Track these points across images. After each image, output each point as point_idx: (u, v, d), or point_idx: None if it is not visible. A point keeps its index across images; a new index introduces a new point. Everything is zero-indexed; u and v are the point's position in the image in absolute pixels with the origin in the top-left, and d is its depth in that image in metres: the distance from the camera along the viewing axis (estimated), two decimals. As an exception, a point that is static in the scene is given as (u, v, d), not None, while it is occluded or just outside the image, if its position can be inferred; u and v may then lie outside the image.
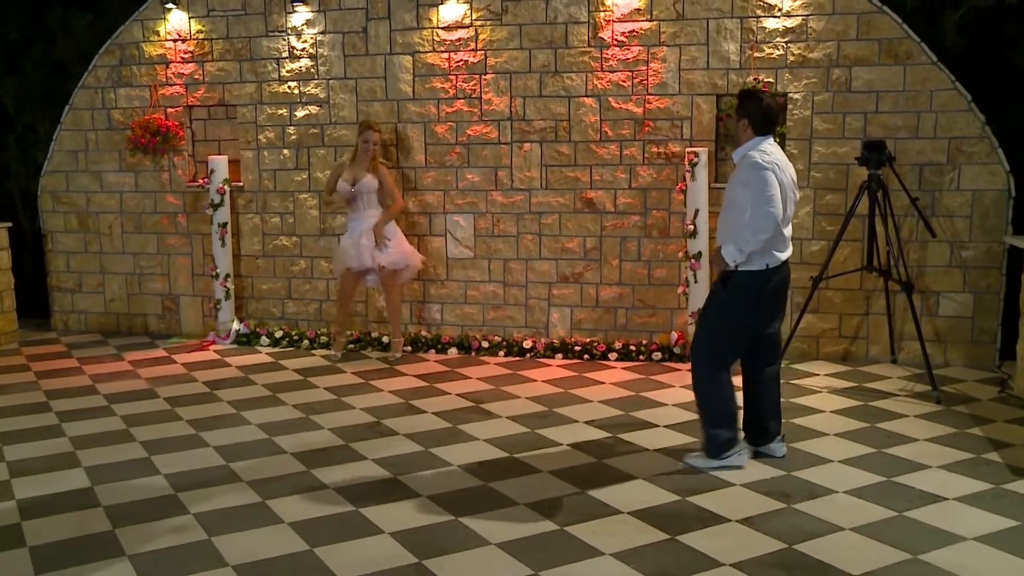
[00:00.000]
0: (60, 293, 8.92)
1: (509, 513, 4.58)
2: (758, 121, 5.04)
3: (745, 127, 5.07)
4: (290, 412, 6.25)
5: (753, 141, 5.05)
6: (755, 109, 5.05)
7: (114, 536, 4.37)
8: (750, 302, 5.04)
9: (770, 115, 5.07)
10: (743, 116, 5.07)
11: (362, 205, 7.44)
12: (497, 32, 7.66)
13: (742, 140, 5.10)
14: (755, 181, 4.91)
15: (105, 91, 8.52)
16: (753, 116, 5.05)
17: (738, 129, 5.12)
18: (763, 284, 5.00)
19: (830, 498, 4.69)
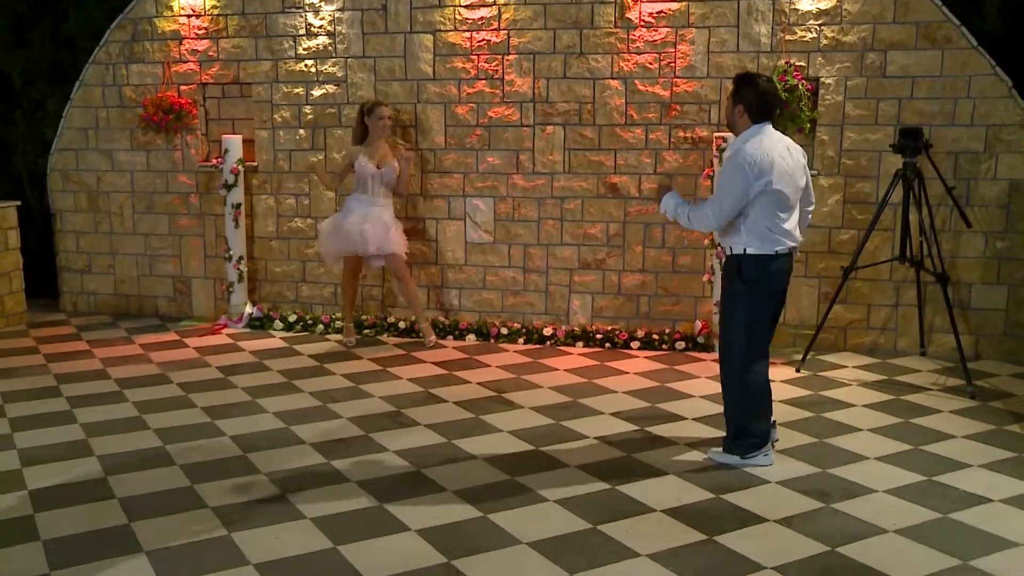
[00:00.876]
0: (69, 274, 8.75)
1: (539, 510, 4.42)
2: (754, 107, 4.79)
3: (741, 114, 4.83)
4: (307, 400, 6.09)
5: (751, 130, 4.82)
6: (751, 95, 4.79)
7: (130, 530, 4.21)
8: (766, 285, 4.85)
9: (768, 101, 4.81)
10: (739, 102, 4.82)
11: (375, 191, 7.23)
12: (521, 12, 7.46)
13: (739, 128, 4.87)
14: (727, 177, 4.77)
15: (117, 67, 8.32)
16: (749, 102, 4.79)
17: (734, 116, 4.87)
18: (772, 267, 4.81)
19: (869, 497, 4.53)
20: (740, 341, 4.92)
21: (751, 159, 4.69)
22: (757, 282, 4.82)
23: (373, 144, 7.24)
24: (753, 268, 4.80)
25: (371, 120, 7.23)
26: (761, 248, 4.77)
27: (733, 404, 5.02)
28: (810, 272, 7.22)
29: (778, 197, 4.74)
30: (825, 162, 7.09)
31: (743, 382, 4.93)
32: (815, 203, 5.24)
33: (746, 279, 4.83)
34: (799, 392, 6.20)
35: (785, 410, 5.82)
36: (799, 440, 5.32)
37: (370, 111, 7.24)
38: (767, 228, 4.76)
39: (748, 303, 4.86)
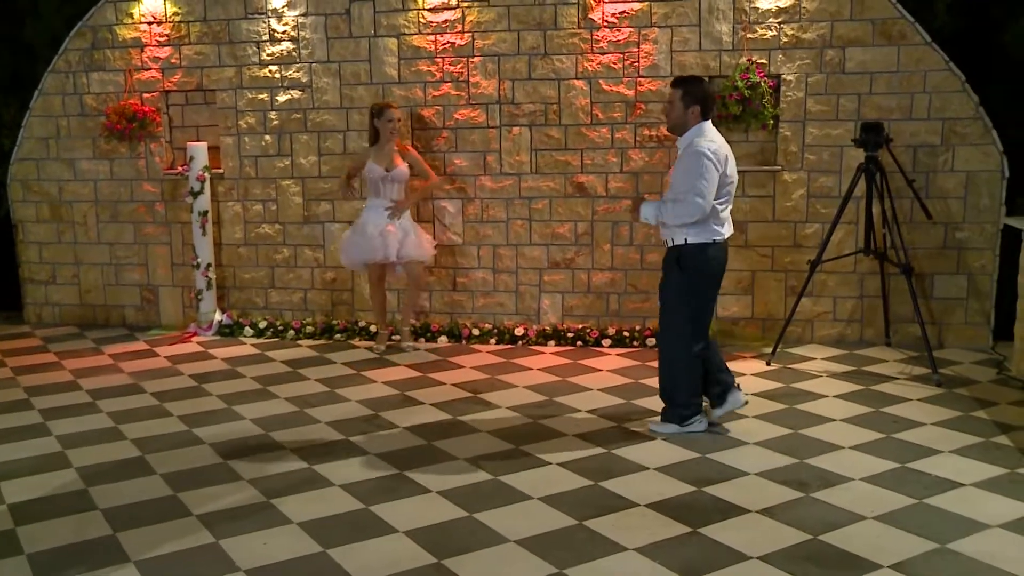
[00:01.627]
0: (33, 285, 8.63)
1: (524, 508, 4.47)
2: (707, 106, 5.23)
3: (695, 113, 5.21)
4: (284, 405, 6.08)
5: (700, 126, 5.21)
6: (702, 94, 5.22)
7: (116, 541, 4.19)
8: (707, 271, 5.26)
9: (712, 98, 5.36)
10: (692, 103, 5.19)
11: (387, 194, 7.20)
12: (484, 14, 7.50)
13: (689, 125, 5.22)
14: (695, 168, 5.09)
15: (77, 75, 8.23)
16: (702, 101, 5.21)
17: (687, 116, 5.21)
18: (713, 255, 5.23)
19: (847, 486, 4.64)
20: (686, 325, 5.30)
21: (712, 149, 5.11)
22: (698, 269, 5.22)
23: (384, 147, 7.19)
24: (694, 256, 5.20)
25: (380, 122, 7.15)
26: (699, 237, 5.18)
27: (675, 379, 5.41)
28: (776, 266, 7.34)
29: (728, 188, 5.22)
30: (788, 157, 7.21)
31: (690, 361, 5.34)
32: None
33: (687, 267, 5.22)
34: (771, 385, 6.31)
35: (758, 403, 5.92)
36: (775, 432, 5.42)
37: (379, 113, 7.18)
38: (711, 218, 5.16)
39: (691, 289, 5.28)
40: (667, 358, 5.44)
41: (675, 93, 5.24)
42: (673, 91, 5.26)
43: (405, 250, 7.17)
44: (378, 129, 7.18)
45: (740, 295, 7.42)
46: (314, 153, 7.91)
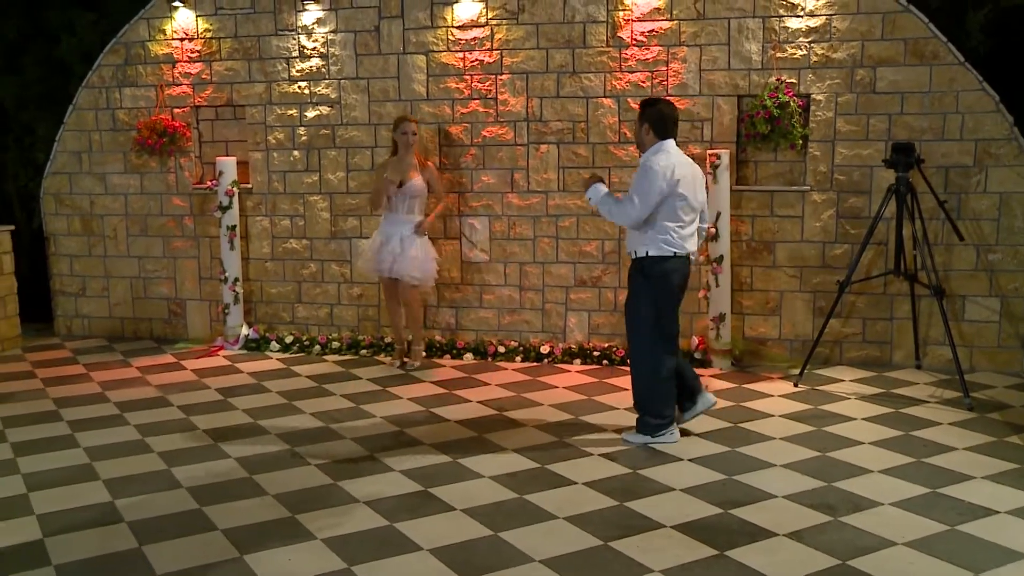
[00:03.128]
0: (63, 297, 8.72)
1: (549, 527, 4.44)
2: (659, 125, 5.50)
3: (648, 131, 5.52)
4: (309, 421, 6.08)
5: (657, 145, 5.50)
6: (655, 114, 5.50)
7: (141, 554, 4.20)
8: (669, 282, 5.47)
9: (669, 118, 5.53)
10: (644, 121, 5.52)
11: (403, 208, 7.20)
12: (513, 31, 7.52)
13: (647, 144, 5.54)
14: (640, 181, 5.39)
15: (110, 91, 8.33)
16: (654, 121, 5.50)
17: (641, 134, 5.56)
18: (673, 266, 5.47)
19: (876, 511, 4.57)
20: (649, 332, 5.49)
21: (660, 165, 5.37)
22: (658, 279, 5.44)
23: (403, 160, 7.20)
24: (654, 267, 5.44)
25: (396, 135, 7.19)
26: (660, 251, 5.43)
27: (648, 392, 5.55)
28: (805, 287, 7.29)
29: (681, 202, 5.40)
30: (817, 178, 7.17)
31: (662, 374, 5.50)
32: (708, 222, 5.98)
33: (649, 277, 5.45)
34: (799, 406, 6.25)
35: (786, 424, 5.87)
36: (802, 454, 5.36)
37: (396, 126, 7.21)
38: (669, 234, 5.41)
39: (652, 298, 5.46)
40: (639, 372, 5.59)
41: (638, 115, 5.63)
42: (640, 114, 5.61)
43: (397, 268, 7.15)
44: (396, 142, 7.21)
45: (767, 315, 7.37)
46: (342, 169, 7.94)
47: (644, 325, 5.51)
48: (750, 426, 5.86)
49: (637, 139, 5.66)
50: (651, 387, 5.55)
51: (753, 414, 6.10)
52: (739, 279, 7.37)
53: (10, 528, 4.50)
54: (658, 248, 5.42)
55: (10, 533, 4.44)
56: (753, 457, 5.32)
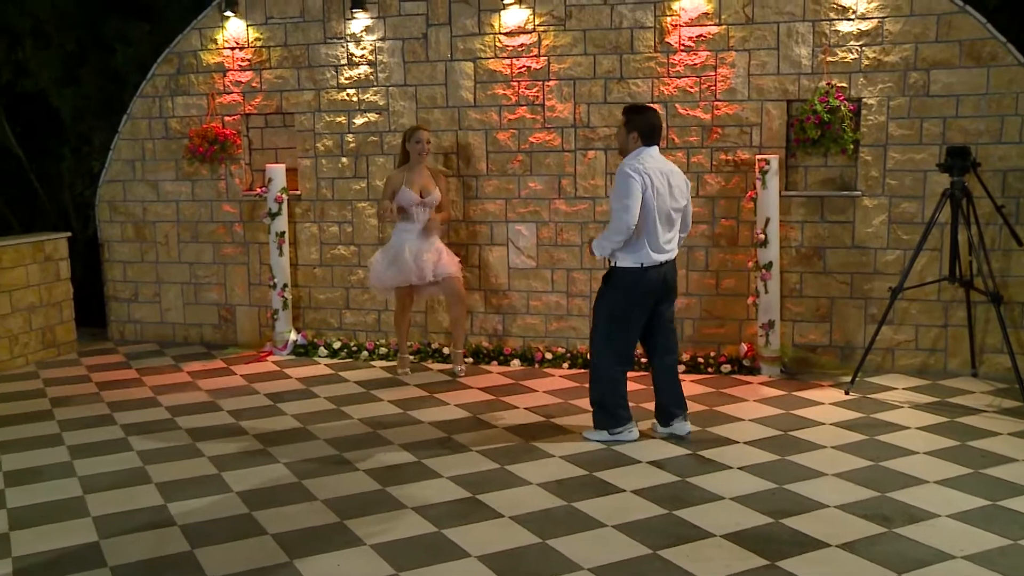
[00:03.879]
0: (117, 303, 8.87)
1: (597, 535, 4.41)
2: (647, 134, 5.55)
3: (636, 139, 5.54)
4: (357, 427, 6.12)
5: (636, 151, 5.54)
6: (644, 124, 5.54)
7: (193, 557, 4.25)
8: (631, 295, 5.55)
9: (657, 128, 5.61)
10: (632, 129, 5.54)
11: (422, 218, 7.22)
12: (560, 38, 7.51)
13: (630, 150, 5.57)
14: (619, 188, 5.43)
15: (163, 100, 8.46)
16: (643, 131, 5.54)
17: (628, 141, 5.57)
18: (639, 279, 5.52)
19: (933, 522, 4.48)
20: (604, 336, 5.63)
21: (637, 169, 5.43)
22: (624, 290, 5.53)
23: (414, 169, 7.25)
24: (622, 279, 5.53)
25: (410, 144, 7.21)
26: (628, 261, 5.50)
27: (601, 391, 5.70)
28: (856, 293, 7.18)
29: (654, 208, 5.43)
30: (869, 183, 7.07)
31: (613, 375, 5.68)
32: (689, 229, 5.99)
33: (617, 288, 5.56)
34: (850, 415, 6.15)
35: (837, 433, 5.78)
36: (854, 463, 5.27)
37: (409, 136, 7.24)
38: (641, 247, 5.47)
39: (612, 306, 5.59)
40: (596, 373, 5.73)
41: (622, 120, 5.63)
42: (622, 118, 5.64)
43: (441, 268, 7.18)
44: (408, 151, 7.22)
45: (818, 322, 7.27)
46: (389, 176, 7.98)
47: (602, 329, 5.65)
48: (800, 434, 5.78)
49: (619, 144, 5.70)
50: (606, 388, 5.68)
51: (803, 422, 6.02)
52: (788, 285, 7.28)
53: (68, 530, 4.58)
54: (628, 260, 5.51)
55: (68, 535, 4.52)
56: (804, 466, 5.25)
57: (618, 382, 5.72)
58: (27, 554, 4.33)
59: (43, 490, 5.10)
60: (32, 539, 4.49)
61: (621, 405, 5.72)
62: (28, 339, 7.99)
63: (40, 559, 4.28)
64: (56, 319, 8.29)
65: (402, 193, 7.15)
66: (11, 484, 5.20)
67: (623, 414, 5.72)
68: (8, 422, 6.34)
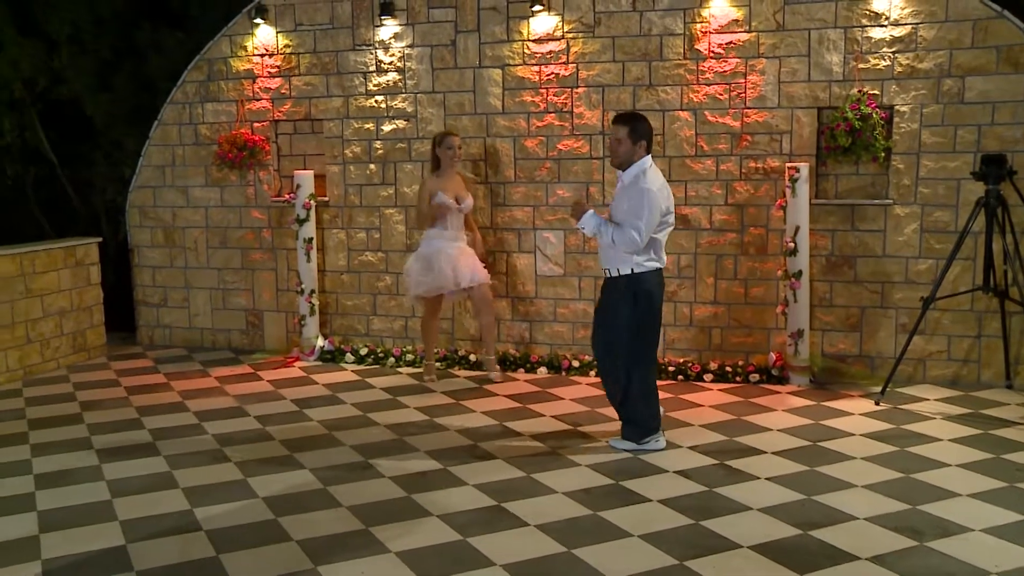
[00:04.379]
0: (146, 307, 8.94)
1: (623, 545, 4.37)
2: (650, 142, 5.53)
3: (643, 147, 5.47)
4: (383, 433, 6.11)
5: (644, 160, 5.49)
6: (646, 131, 5.49)
7: (219, 562, 4.26)
8: (656, 298, 5.54)
9: (653, 135, 5.64)
10: (640, 138, 5.45)
11: (456, 224, 7.23)
12: (589, 45, 7.49)
13: (634, 159, 5.47)
14: (636, 204, 5.35)
15: (193, 106, 8.53)
16: (647, 138, 5.49)
17: (633, 150, 5.46)
18: (661, 280, 5.59)
19: (966, 536, 4.40)
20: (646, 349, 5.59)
21: (655, 185, 5.40)
22: (649, 293, 5.47)
23: (446, 175, 7.24)
24: (641, 284, 5.45)
25: (441, 150, 7.19)
26: (647, 266, 5.47)
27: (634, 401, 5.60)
28: (887, 303, 7.09)
29: (668, 221, 5.51)
30: (901, 191, 6.98)
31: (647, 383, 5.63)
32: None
33: (637, 294, 5.45)
34: (881, 425, 6.07)
35: (867, 444, 5.71)
36: (885, 475, 5.20)
37: (440, 141, 7.22)
38: (653, 250, 5.47)
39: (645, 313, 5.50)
40: (629, 391, 5.60)
41: (622, 130, 5.46)
42: (619, 127, 5.47)
43: (475, 276, 7.18)
44: (439, 157, 7.20)
45: (848, 332, 7.19)
46: (417, 182, 7.99)
47: (626, 344, 5.53)
48: (829, 445, 5.71)
49: (623, 155, 5.49)
50: (639, 398, 5.60)
51: (833, 433, 5.94)
52: (818, 294, 7.21)
53: (96, 533, 4.61)
54: (648, 263, 5.46)
55: (95, 538, 4.55)
56: (833, 477, 5.18)
57: (652, 393, 5.66)
58: (55, 556, 4.36)
59: (72, 493, 5.13)
60: (60, 542, 4.51)
61: (653, 415, 5.68)
62: (59, 343, 8.07)
63: (68, 562, 4.31)
64: (87, 323, 8.37)
65: (438, 199, 7.14)
66: (41, 487, 5.24)
67: (653, 424, 5.68)
68: (39, 425, 6.40)
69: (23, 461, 5.68)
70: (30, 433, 6.23)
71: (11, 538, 4.57)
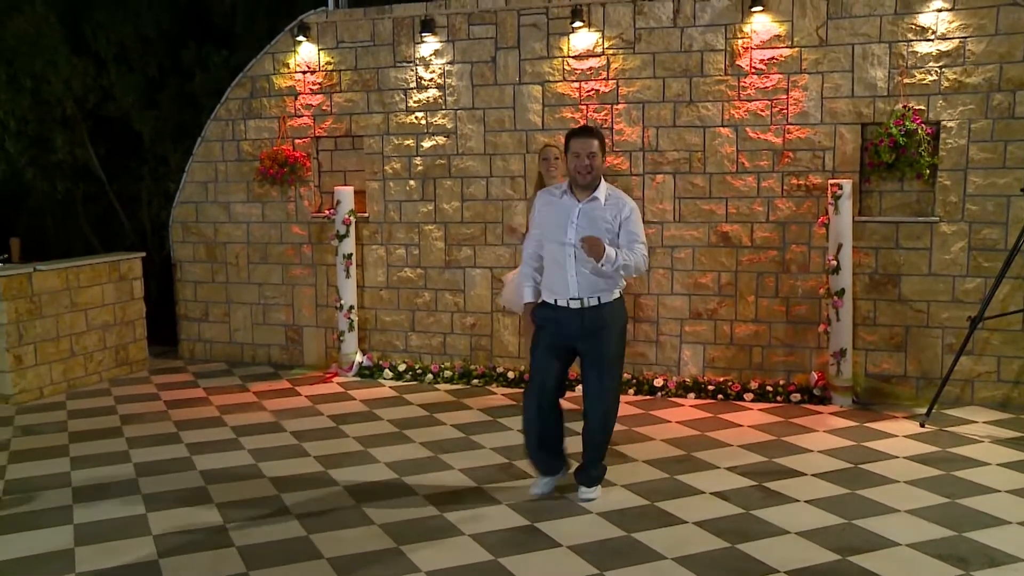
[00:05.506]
0: (187, 322, 9.03)
1: (657, 568, 4.29)
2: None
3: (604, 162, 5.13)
4: (419, 450, 6.09)
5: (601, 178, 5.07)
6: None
7: (250, 579, 4.26)
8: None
9: None
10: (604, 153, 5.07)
11: None
12: (629, 61, 7.45)
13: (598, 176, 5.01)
14: (638, 220, 5.03)
15: (236, 123, 8.62)
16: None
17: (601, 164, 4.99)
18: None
19: (1016, 567, 4.26)
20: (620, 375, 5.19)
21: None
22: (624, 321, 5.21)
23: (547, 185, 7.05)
24: (622, 309, 5.17)
25: (541, 164, 6.71)
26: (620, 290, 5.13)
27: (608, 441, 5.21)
28: (933, 322, 6.93)
29: None
30: (948, 208, 6.83)
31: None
32: None
33: (622, 318, 5.18)
34: (926, 448, 5.92)
35: (911, 467, 5.56)
36: (929, 500, 5.06)
37: (539, 154, 6.82)
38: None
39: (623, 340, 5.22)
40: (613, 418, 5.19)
41: (595, 143, 4.93)
42: (591, 141, 4.93)
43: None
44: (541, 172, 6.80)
45: (892, 351, 7.04)
46: (457, 199, 8.00)
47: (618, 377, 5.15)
48: (872, 467, 5.58)
49: (597, 169, 4.95)
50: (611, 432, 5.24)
51: (875, 455, 5.81)
52: (861, 313, 7.06)
53: (129, 547, 4.63)
54: (619, 288, 5.10)
55: (129, 551, 4.57)
56: (875, 501, 5.05)
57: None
58: (89, 570, 4.38)
59: (108, 507, 5.16)
60: (94, 555, 4.54)
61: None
62: (102, 357, 8.17)
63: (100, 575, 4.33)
64: (129, 337, 8.47)
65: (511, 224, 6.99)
66: (79, 500, 5.28)
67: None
68: (80, 438, 6.47)
69: (62, 474, 5.73)
70: (70, 446, 6.29)
71: (47, 551, 4.61)
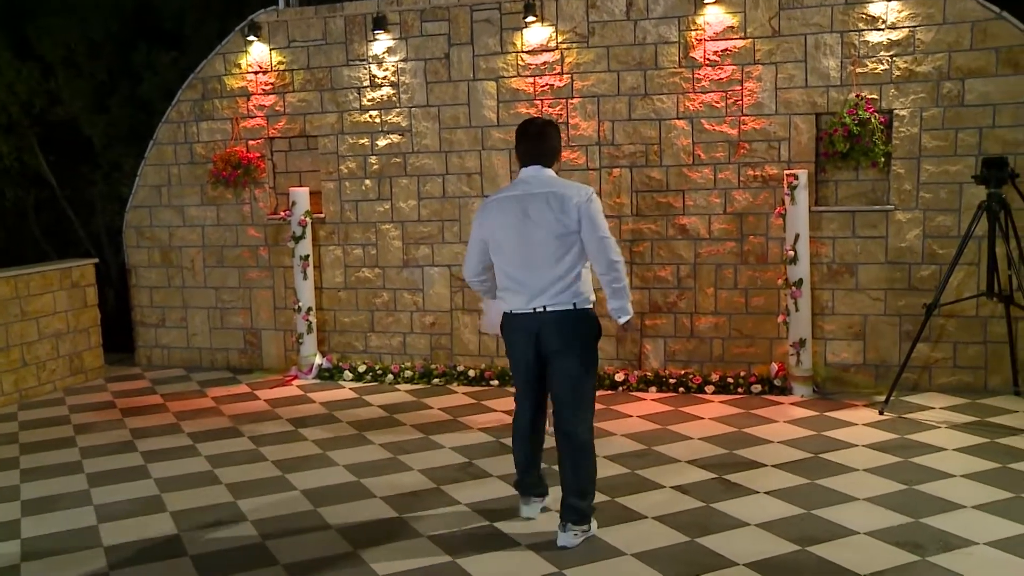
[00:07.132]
0: (144, 328, 8.89)
1: (616, 565, 4.26)
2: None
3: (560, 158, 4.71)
4: (378, 452, 6.02)
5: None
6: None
7: (202, 589, 4.17)
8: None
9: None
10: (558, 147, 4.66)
11: None
12: (583, 55, 7.42)
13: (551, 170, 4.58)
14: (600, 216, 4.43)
15: (188, 125, 8.49)
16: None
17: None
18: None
19: (970, 551, 4.27)
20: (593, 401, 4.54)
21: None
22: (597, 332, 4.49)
23: None
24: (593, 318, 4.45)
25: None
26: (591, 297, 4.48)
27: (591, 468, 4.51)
28: (890, 310, 6.96)
29: None
30: (902, 196, 6.86)
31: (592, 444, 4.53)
32: None
33: (595, 328, 4.47)
34: (884, 435, 5.94)
35: (870, 455, 5.58)
36: (887, 487, 5.07)
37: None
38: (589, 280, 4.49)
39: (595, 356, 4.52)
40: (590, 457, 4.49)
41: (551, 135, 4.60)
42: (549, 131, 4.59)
43: None
44: None
45: (851, 340, 7.06)
46: (413, 197, 7.93)
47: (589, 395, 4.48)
48: (831, 456, 5.58)
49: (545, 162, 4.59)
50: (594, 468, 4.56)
51: (835, 444, 5.82)
52: (820, 303, 7.08)
53: (78, 560, 4.53)
54: (590, 293, 4.46)
55: (77, 564, 4.47)
56: (834, 490, 5.05)
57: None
58: (36, 585, 4.28)
59: (58, 519, 5.05)
60: (42, 570, 4.44)
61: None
62: (56, 365, 8.01)
63: (49, 590, 4.24)
64: (84, 345, 8.31)
65: None
66: (27, 513, 5.16)
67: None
68: (31, 449, 6.34)
69: (11, 487, 5.60)
70: (21, 458, 6.16)
71: (-6, 566, 4.51)
